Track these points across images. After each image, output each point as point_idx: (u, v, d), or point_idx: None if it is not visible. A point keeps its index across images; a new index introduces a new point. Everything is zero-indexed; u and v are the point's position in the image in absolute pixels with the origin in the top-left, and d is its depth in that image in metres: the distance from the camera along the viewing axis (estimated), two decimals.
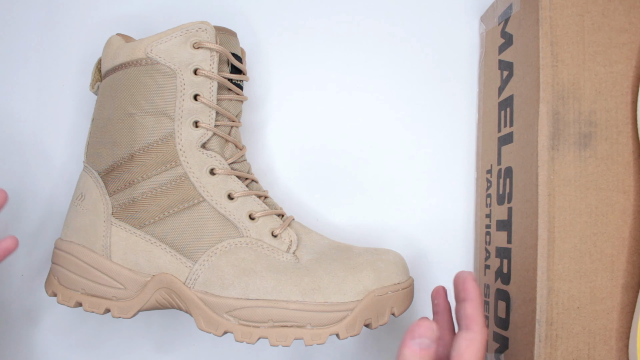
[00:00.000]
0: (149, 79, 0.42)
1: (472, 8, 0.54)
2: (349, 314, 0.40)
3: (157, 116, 0.42)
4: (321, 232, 0.52)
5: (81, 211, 0.43)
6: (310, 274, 0.41)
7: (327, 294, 0.40)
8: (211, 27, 0.42)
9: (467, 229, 0.52)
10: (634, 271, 0.41)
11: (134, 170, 0.42)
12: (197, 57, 0.42)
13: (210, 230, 0.41)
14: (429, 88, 0.53)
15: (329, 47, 0.53)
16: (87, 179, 0.44)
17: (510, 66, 0.46)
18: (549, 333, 0.40)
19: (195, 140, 0.42)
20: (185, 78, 0.42)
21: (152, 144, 0.42)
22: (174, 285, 0.41)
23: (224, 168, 0.43)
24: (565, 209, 0.40)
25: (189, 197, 0.42)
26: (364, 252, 0.43)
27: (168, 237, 0.42)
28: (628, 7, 0.42)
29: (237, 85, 0.45)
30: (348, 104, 0.53)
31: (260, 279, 0.40)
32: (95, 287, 0.42)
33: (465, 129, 0.53)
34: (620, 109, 0.41)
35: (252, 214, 0.42)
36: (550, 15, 0.41)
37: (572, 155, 0.41)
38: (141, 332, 0.51)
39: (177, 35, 0.42)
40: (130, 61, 0.42)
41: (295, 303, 0.40)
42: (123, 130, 0.42)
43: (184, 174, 0.42)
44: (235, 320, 0.40)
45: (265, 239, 0.42)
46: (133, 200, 0.42)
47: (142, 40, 0.42)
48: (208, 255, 0.41)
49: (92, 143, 0.44)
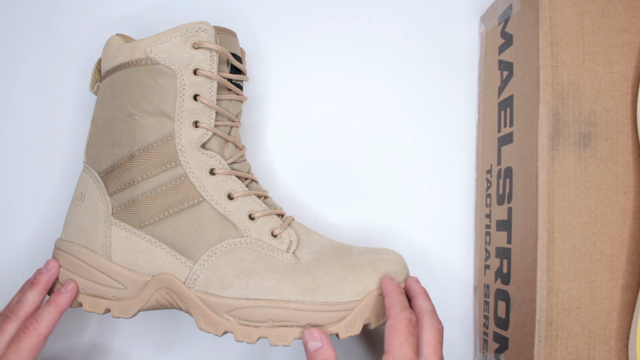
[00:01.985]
0: (149, 79, 0.42)
1: (472, 8, 0.54)
2: (349, 314, 0.40)
3: (157, 116, 0.42)
4: (321, 232, 0.52)
5: (81, 211, 0.43)
6: (310, 273, 0.41)
7: (327, 293, 0.40)
8: (211, 27, 0.42)
9: (467, 229, 0.52)
10: (634, 271, 0.41)
11: (133, 171, 0.42)
12: (196, 57, 0.42)
13: (210, 230, 0.41)
14: (429, 88, 0.53)
15: (329, 47, 0.53)
16: (87, 179, 0.44)
17: (510, 66, 0.46)
18: (549, 333, 0.40)
19: (195, 140, 0.42)
20: (185, 78, 0.42)
21: (152, 144, 0.42)
22: (173, 285, 0.41)
23: (223, 168, 0.43)
24: (565, 209, 0.40)
25: (189, 197, 0.42)
26: (363, 251, 0.43)
27: (168, 237, 0.42)
28: (628, 7, 0.42)
29: (236, 85, 0.45)
30: (348, 103, 0.53)
31: (260, 278, 0.40)
32: (96, 287, 0.42)
33: (465, 129, 0.53)
34: (620, 109, 0.41)
35: (252, 214, 0.42)
36: (550, 15, 0.41)
37: (572, 155, 0.41)
38: (141, 331, 0.51)
39: (177, 36, 0.42)
40: (130, 61, 0.42)
41: (295, 303, 0.40)
42: (123, 130, 0.42)
43: (183, 174, 0.42)
44: (235, 320, 0.40)
45: (265, 239, 0.42)
46: (133, 201, 0.42)
47: (141, 41, 0.42)
48: (208, 255, 0.41)
49: (92, 143, 0.44)
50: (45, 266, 0.43)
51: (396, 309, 0.39)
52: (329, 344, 0.38)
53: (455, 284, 0.52)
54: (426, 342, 0.38)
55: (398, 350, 0.37)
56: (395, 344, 0.37)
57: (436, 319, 0.39)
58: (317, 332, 0.39)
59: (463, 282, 0.52)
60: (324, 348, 0.38)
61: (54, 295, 0.42)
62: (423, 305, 0.40)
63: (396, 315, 0.38)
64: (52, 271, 0.42)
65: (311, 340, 0.39)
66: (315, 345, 0.38)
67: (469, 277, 0.52)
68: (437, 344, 0.38)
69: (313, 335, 0.39)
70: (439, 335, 0.38)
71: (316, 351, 0.38)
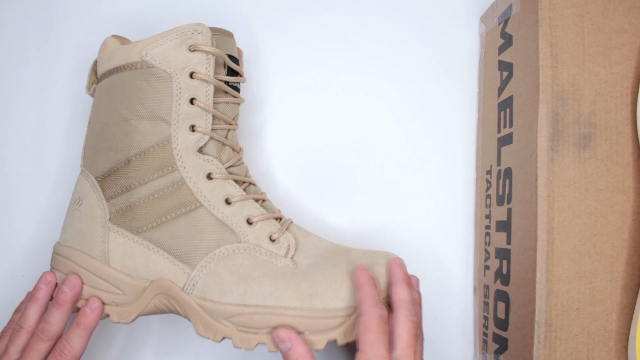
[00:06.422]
0: (145, 83, 0.41)
1: (472, 8, 0.53)
2: (347, 320, 0.40)
3: (153, 121, 0.42)
4: (320, 233, 0.52)
5: (79, 216, 0.43)
6: (308, 279, 0.40)
7: (325, 299, 0.40)
8: (207, 29, 0.41)
9: (467, 229, 0.52)
10: (634, 272, 0.40)
11: (130, 176, 0.42)
12: (193, 60, 0.41)
13: (207, 236, 0.41)
14: (429, 88, 0.53)
15: (328, 48, 0.53)
16: (84, 183, 0.44)
17: (510, 67, 0.46)
18: (548, 334, 0.40)
19: (192, 145, 0.42)
20: (181, 82, 0.41)
21: (148, 149, 0.42)
22: (172, 291, 0.41)
23: (221, 172, 0.42)
24: (564, 210, 0.40)
25: (186, 203, 0.41)
26: (362, 255, 0.43)
27: (166, 243, 0.41)
28: (628, 7, 0.42)
29: (233, 87, 0.44)
30: (347, 104, 0.53)
31: (258, 285, 0.40)
32: (94, 292, 0.42)
33: (465, 130, 0.53)
34: (620, 110, 0.41)
35: (249, 218, 0.42)
36: (550, 16, 0.41)
37: (572, 156, 0.41)
38: (140, 335, 0.51)
39: (173, 38, 0.41)
40: (125, 64, 0.42)
41: (293, 309, 0.40)
42: (119, 134, 0.42)
43: (180, 179, 0.41)
44: (233, 327, 0.40)
45: (263, 244, 0.42)
46: (130, 206, 0.42)
47: (137, 43, 0.42)
48: (206, 261, 0.41)
49: (89, 147, 0.44)
50: (66, 283, 0.42)
51: (367, 305, 0.38)
52: (299, 341, 0.38)
53: (455, 284, 0.52)
54: (400, 337, 0.37)
55: (370, 349, 0.37)
56: (367, 343, 0.37)
57: (411, 311, 0.38)
58: (284, 332, 0.38)
59: (463, 282, 0.52)
60: (295, 347, 0.38)
61: (82, 318, 0.41)
62: (400, 295, 0.39)
63: (367, 312, 0.38)
64: (75, 289, 0.42)
65: (280, 342, 0.39)
66: (286, 346, 0.38)
67: (469, 277, 0.52)
68: (411, 337, 0.37)
69: (280, 337, 0.38)
70: (413, 329, 0.38)
71: (288, 352, 0.38)
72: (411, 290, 0.40)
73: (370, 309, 0.38)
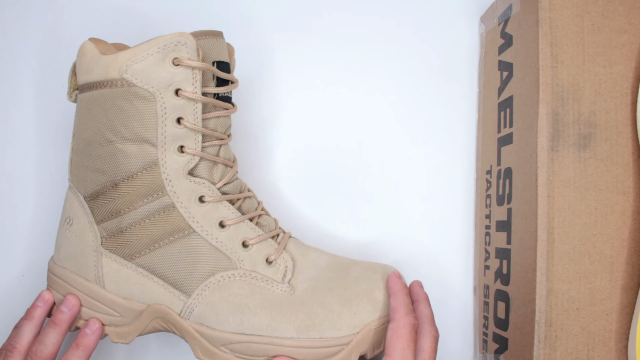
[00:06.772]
0: (126, 103, 0.38)
1: (472, 8, 0.54)
2: (344, 348, 0.39)
3: (138, 143, 0.39)
4: (320, 234, 0.51)
5: (70, 237, 0.42)
6: (305, 309, 0.39)
7: (323, 329, 0.39)
8: (191, 39, 0.37)
9: (467, 229, 0.52)
10: (634, 272, 0.41)
11: (119, 201, 0.40)
12: (177, 76, 0.38)
13: (202, 263, 0.40)
14: (429, 88, 0.53)
15: (328, 48, 0.53)
16: (74, 202, 0.42)
17: (510, 67, 0.46)
18: (548, 334, 0.40)
19: (182, 168, 0.39)
20: (166, 101, 0.38)
21: (135, 174, 0.39)
22: (169, 316, 0.40)
23: (213, 194, 0.40)
24: (564, 210, 0.40)
25: (178, 229, 0.39)
26: (362, 275, 0.42)
27: (159, 269, 0.40)
28: (628, 8, 0.42)
29: (225, 98, 0.41)
30: (347, 104, 0.53)
31: (254, 315, 0.39)
32: (92, 313, 0.41)
33: (465, 130, 0.53)
34: (620, 110, 0.41)
35: (245, 241, 0.40)
36: (550, 16, 0.41)
37: (572, 156, 0.41)
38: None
39: (154, 53, 0.37)
40: (105, 81, 0.38)
41: (290, 340, 0.39)
42: (104, 156, 0.39)
43: (171, 204, 0.39)
44: (232, 353, 0.39)
45: (259, 269, 0.40)
46: (121, 231, 0.40)
47: (116, 57, 0.38)
48: (201, 289, 0.40)
49: (75, 163, 0.42)
50: (65, 303, 0.41)
51: (401, 312, 0.39)
52: None
53: (455, 284, 0.52)
54: (424, 349, 0.39)
55: (399, 355, 0.37)
56: (397, 349, 0.37)
57: (434, 327, 0.40)
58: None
59: (463, 282, 0.52)
60: None
61: (82, 339, 0.41)
62: (424, 312, 0.41)
63: (401, 319, 0.39)
64: (74, 310, 0.41)
65: None
66: None
67: (469, 277, 0.52)
68: (433, 351, 0.39)
69: None
70: (434, 343, 0.39)
71: None
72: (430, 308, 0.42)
73: (405, 317, 0.39)
